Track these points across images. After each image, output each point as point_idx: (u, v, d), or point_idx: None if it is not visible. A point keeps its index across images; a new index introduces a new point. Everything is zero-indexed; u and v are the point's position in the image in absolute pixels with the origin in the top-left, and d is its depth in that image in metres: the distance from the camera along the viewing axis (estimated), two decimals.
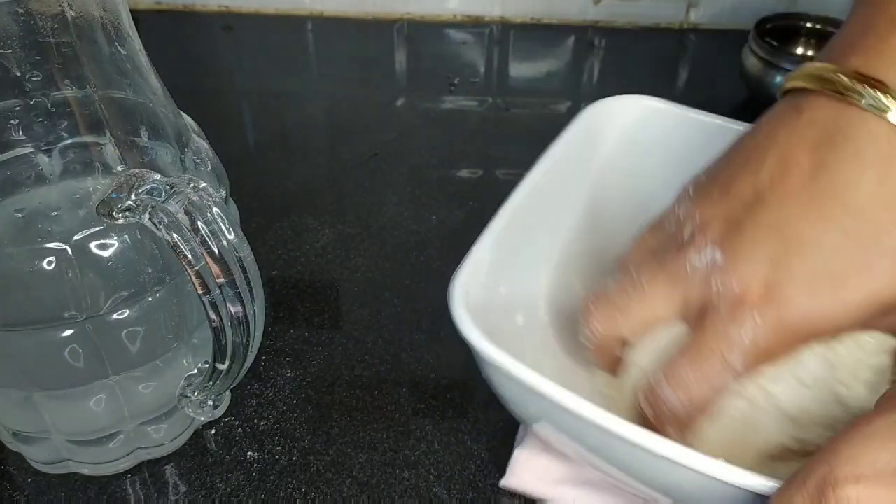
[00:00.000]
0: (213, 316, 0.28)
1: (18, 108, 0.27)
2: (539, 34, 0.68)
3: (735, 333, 0.27)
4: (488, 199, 0.34)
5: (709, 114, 0.39)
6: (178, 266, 0.27)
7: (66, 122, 0.28)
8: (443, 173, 0.53)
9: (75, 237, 0.27)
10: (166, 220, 0.26)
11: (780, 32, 0.58)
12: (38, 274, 0.27)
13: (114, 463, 0.34)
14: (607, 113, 0.38)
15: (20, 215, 0.28)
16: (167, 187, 0.27)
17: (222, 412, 0.36)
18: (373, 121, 0.58)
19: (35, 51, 0.26)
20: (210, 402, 0.33)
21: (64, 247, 0.27)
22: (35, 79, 0.27)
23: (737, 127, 0.37)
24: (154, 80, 0.31)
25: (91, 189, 0.28)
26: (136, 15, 0.29)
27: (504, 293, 0.31)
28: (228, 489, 0.34)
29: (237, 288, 0.28)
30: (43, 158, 0.28)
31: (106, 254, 0.28)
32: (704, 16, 0.68)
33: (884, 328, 0.28)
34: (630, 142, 0.39)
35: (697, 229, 0.29)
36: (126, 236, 0.28)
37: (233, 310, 0.28)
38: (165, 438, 0.34)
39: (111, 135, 0.29)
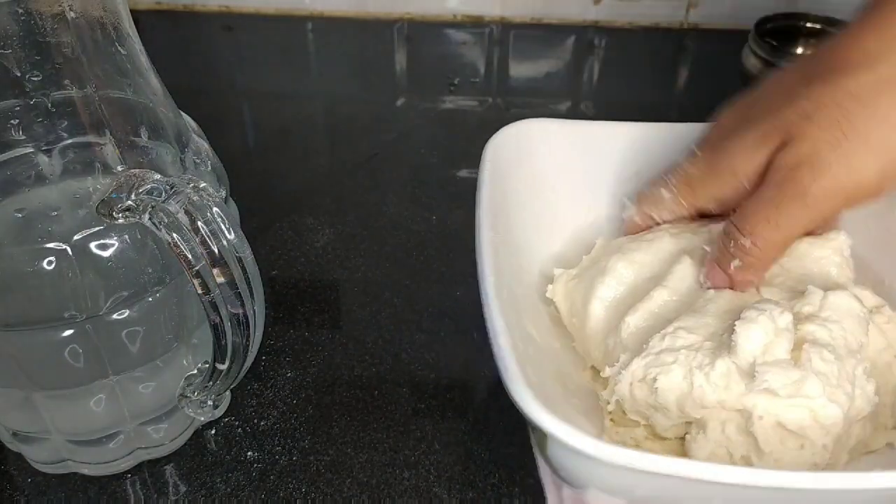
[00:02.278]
0: (213, 316, 0.28)
1: (18, 108, 0.27)
2: (539, 34, 0.68)
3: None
4: None
5: (598, 122, 0.39)
6: (178, 266, 0.27)
7: (66, 122, 0.28)
8: (443, 173, 0.53)
9: (75, 237, 0.27)
10: (166, 220, 0.26)
11: (780, 32, 0.59)
12: (38, 274, 0.27)
13: (114, 463, 0.34)
14: (505, 147, 0.38)
15: (20, 215, 0.28)
16: (167, 187, 0.27)
17: (222, 412, 0.36)
18: (373, 121, 0.58)
19: (35, 51, 0.26)
20: (210, 402, 0.33)
21: (64, 247, 0.27)
22: (35, 79, 0.27)
23: (624, 129, 0.39)
24: (154, 80, 0.31)
25: (91, 189, 0.28)
26: (136, 15, 0.29)
27: None
28: (228, 489, 0.34)
29: (237, 288, 0.28)
30: (43, 158, 0.28)
31: (106, 254, 0.28)
32: (704, 16, 0.68)
33: None
34: (531, 169, 0.39)
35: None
36: (126, 236, 0.28)
37: (233, 310, 0.28)
38: (165, 438, 0.34)
39: (111, 135, 0.29)
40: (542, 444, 0.26)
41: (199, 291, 0.27)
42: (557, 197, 0.39)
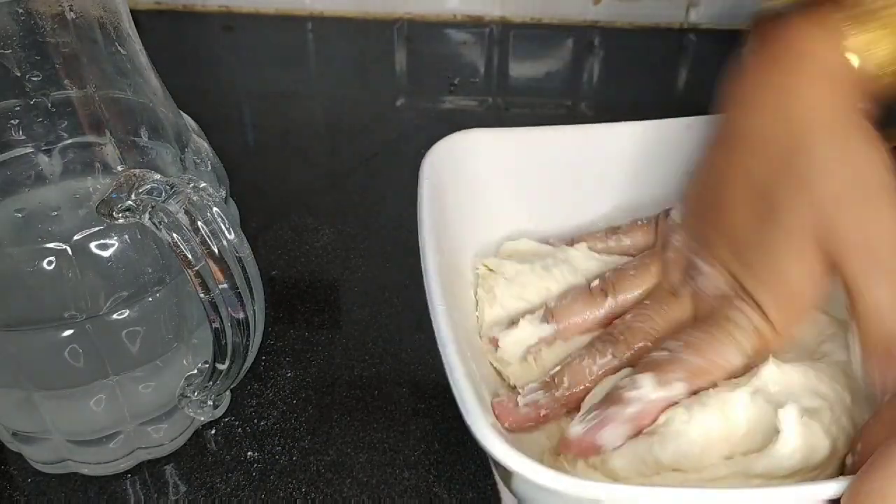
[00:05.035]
0: (213, 316, 0.28)
1: (18, 108, 0.27)
2: (539, 34, 0.68)
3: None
4: None
5: (532, 128, 0.39)
6: (178, 266, 0.27)
7: (66, 122, 0.28)
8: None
9: (75, 237, 0.27)
10: (166, 220, 0.26)
11: None
12: (38, 274, 0.27)
13: (114, 463, 0.34)
14: (442, 161, 0.37)
15: (20, 215, 0.28)
16: (167, 187, 0.27)
17: (222, 412, 0.36)
18: (373, 121, 0.58)
19: (35, 51, 0.26)
20: (210, 402, 0.33)
21: (64, 247, 0.27)
22: (35, 79, 0.27)
23: (552, 134, 0.38)
24: (154, 80, 0.31)
25: (91, 189, 0.28)
26: (136, 15, 0.29)
27: None
28: (228, 489, 0.34)
29: (237, 288, 0.28)
30: (43, 158, 0.28)
31: (106, 254, 0.28)
32: (704, 16, 0.68)
33: None
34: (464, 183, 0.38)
35: None
36: (126, 236, 0.28)
37: (233, 310, 0.28)
38: (165, 438, 0.34)
39: (111, 135, 0.29)
40: (507, 479, 0.26)
41: (200, 291, 0.27)
42: (497, 206, 0.39)
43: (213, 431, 0.36)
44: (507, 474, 0.25)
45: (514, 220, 0.39)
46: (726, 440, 0.27)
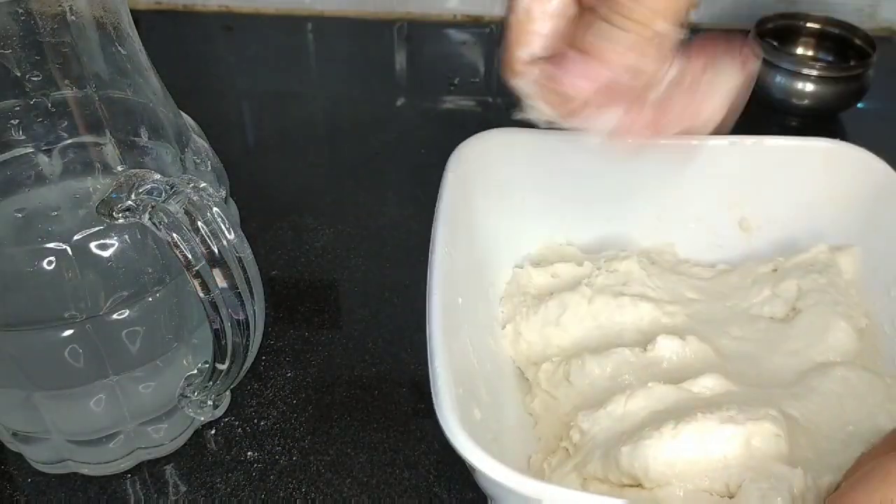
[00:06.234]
0: (213, 316, 0.28)
1: (18, 108, 0.27)
2: None
3: None
4: None
5: (565, 132, 0.38)
6: (178, 266, 0.27)
7: (66, 122, 0.28)
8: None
9: (75, 237, 0.27)
10: (166, 220, 0.26)
11: (780, 32, 0.59)
12: (38, 274, 0.27)
13: (114, 463, 0.34)
14: (469, 158, 0.37)
15: (20, 215, 0.28)
16: (167, 187, 0.27)
17: (222, 412, 0.36)
18: (373, 121, 0.58)
19: (35, 51, 0.26)
20: (210, 402, 0.33)
21: (64, 247, 0.27)
22: (35, 79, 0.27)
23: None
24: (154, 80, 0.31)
25: (91, 189, 0.28)
26: (136, 15, 0.29)
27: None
28: (228, 489, 0.34)
29: (237, 288, 0.28)
30: (43, 158, 0.28)
31: (106, 254, 0.28)
32: (704, 16, 0.68)
33: None
34: (493, 181, 0.38)
35: None
36: (126, 236, 0.28)
37: (233, 310, 0.28)
38: (165, 438, 0.34)
39: (111, 135, 0.29)
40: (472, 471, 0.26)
41: (199, 292, 0.27)
42: (530, 209, 0.39)
43: (213, 431, 0.36)
44: (472, 467, 0.26)
45: (545, 224, 0.39)
46: (695, 466, 0.27)
